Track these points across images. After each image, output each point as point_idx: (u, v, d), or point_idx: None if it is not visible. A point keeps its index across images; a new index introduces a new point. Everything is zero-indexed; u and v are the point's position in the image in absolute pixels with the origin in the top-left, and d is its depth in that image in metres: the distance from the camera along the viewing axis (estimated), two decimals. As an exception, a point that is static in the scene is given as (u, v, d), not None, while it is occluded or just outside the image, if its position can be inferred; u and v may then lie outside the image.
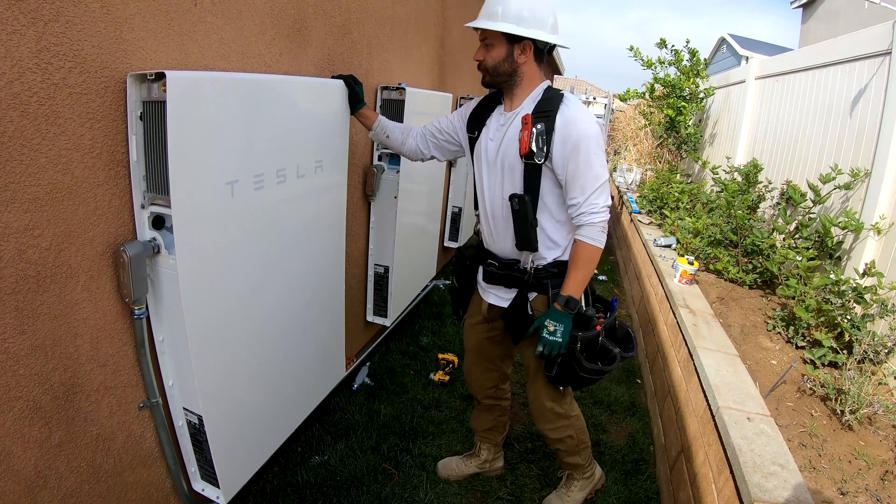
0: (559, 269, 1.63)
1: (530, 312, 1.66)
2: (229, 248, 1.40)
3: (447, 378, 2.72)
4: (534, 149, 1.49)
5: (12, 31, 0.90)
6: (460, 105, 3.83)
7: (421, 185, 2.90)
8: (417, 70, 2.96)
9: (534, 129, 1.50)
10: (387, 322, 2.78)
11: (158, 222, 1.25)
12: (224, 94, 1.28)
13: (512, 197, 1.57)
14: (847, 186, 2.68)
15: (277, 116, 1.50)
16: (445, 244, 4.17)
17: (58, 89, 1.00)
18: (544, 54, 1.58)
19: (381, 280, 2.69)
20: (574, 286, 1.57)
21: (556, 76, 13.98)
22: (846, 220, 2.54)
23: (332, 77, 1.84)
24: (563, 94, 1.55)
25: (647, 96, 6.28)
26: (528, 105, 1.57)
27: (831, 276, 2.34)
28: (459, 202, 4.08)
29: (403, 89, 2.38)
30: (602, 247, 1.56)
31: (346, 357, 2.29)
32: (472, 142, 1.71)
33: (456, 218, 4.14)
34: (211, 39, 1.37)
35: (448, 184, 3.94)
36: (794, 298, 2.50)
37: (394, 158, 2.50)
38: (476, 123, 1.69)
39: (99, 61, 1.07)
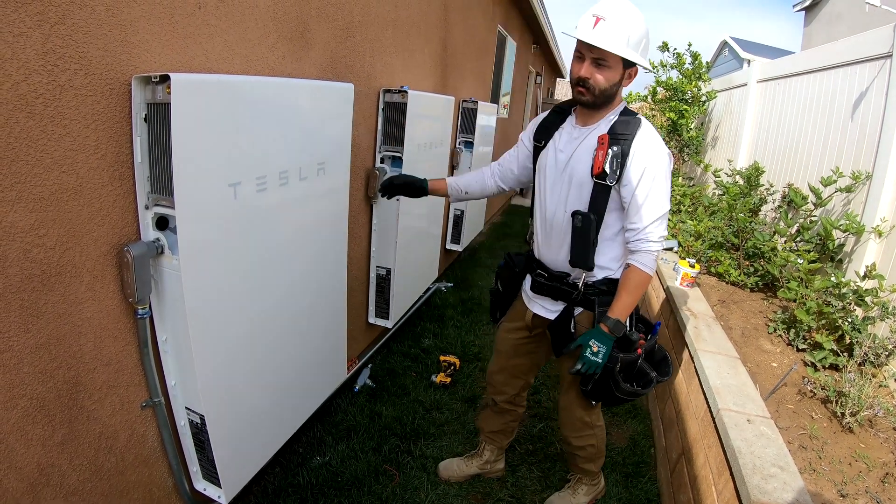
0: (608, 287, 1.62)
1: (573, 329, 1.65)
2: (232, 249, 1.41)
3: (448, 380, 2.73)
4: (607, 170, 1.49)
5: (19, 33, 0.92)
6: (462, 108, 3.86)
7: (423, 187, 2.91)
8: (420, 73, 2.97)
9: (609, 151, 1.49)
10: (388, 324, 2.79)
11: (162, 223, 1.26)
12: (227, 96, 1.30)
13: (576, 214, 1.56)
14: (848, 189, 2.68)
15: (280, 119, 1.51)
16: (448, 247, 4.18)
17: (63, 91, 1.01)
18: None
19: (383, 282, 2.70)
20: (621, 310, 1.55)
21: (558, 79, 14.00)
22: (847, 222, 2.54)
23: (381, 193, 1.94)
24: (640, 119, 1.54)
25: (649, 99, 6.29)
26: (604, 124, 1.55)
27: (832, 278, 2.34)
28: (462, 205, 4.09)
29: (406, 92, 2.39)
30: (653, 275, 1.56)
31: (347, 359, 2.30)
32: (537, 151, 1.69)
33: (458, 221, 4.15)
34: (215, 42, 1.38)
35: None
36: (795, 301, 2.50)
37: (396, 161, 2.51)
38: (544, 133, 1.68)
39: (104, 63, 1.08)
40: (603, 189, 1.52)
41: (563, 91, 16.30)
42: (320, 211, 1.84)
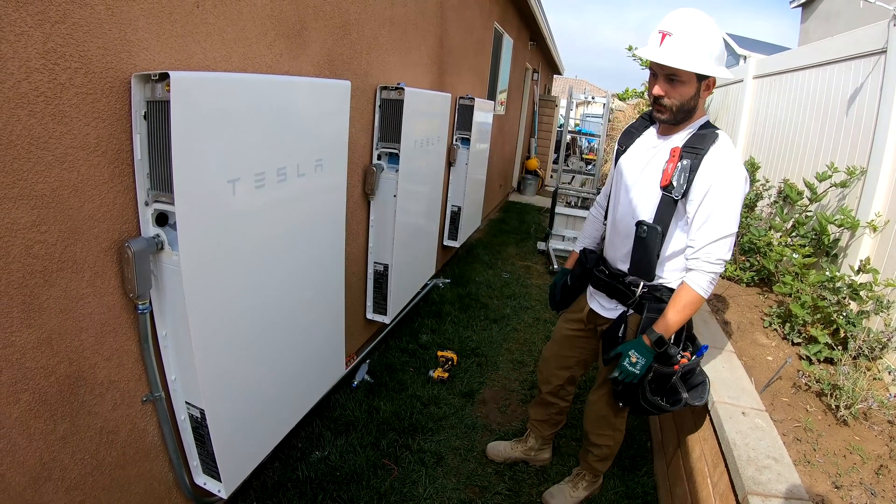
0: (661, 294, 1.61)
1: (621, 335, 1.66)
2: (231, 245, 1.42)
3: (446, 375, 2.75)
4: (674, 183, 1.47)
5: (20, 32, 0.93)
6: (458, 105, 3.87)
7: (420, 184, 2.92)
8: (417, 70, 2.98)
9: (679, 164, 1.47)
10: (386, 320, 2.81)
11: (162, 219, 1.28)
12: (226, 94, 1.30)
13: (641, 224, 1.55)
14: (843, 184, 2.69)
15: (278, 116, 1.52)
16: (445, 243, 4.19)
17: (64, 89, 1.02)
18: None
19: (381, 278, 2.71)
20: (666, 326, 1.53)
21: (555, 76, 13.99)
22: (842, 217, 2.55)
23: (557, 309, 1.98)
24: (718, 135, 1.50)
25: (645, 96, 6.30)
26: (681, 136, 1.54)
27: (827, 273, 2.35)
28: (459, 201, 4.10)
29: (402, 89, 2.40)
30: (706, 297, 1.52)
31: (346, 355, 2.31)
32: (619, 154, 1.71)
33: (455, 217, 4.16)
34: (213, 40, 1.39)
35: (447, 183, 3.96)
36: (790, 295, 2.52)
37: (393, 158, 2.53)
38: (627, 138, 1.69)
39: (104, 62, 1.09)
40: (669, 201, 1.51)
41: (560, 88, 16.29)
42: (318, 207, 1.86)
